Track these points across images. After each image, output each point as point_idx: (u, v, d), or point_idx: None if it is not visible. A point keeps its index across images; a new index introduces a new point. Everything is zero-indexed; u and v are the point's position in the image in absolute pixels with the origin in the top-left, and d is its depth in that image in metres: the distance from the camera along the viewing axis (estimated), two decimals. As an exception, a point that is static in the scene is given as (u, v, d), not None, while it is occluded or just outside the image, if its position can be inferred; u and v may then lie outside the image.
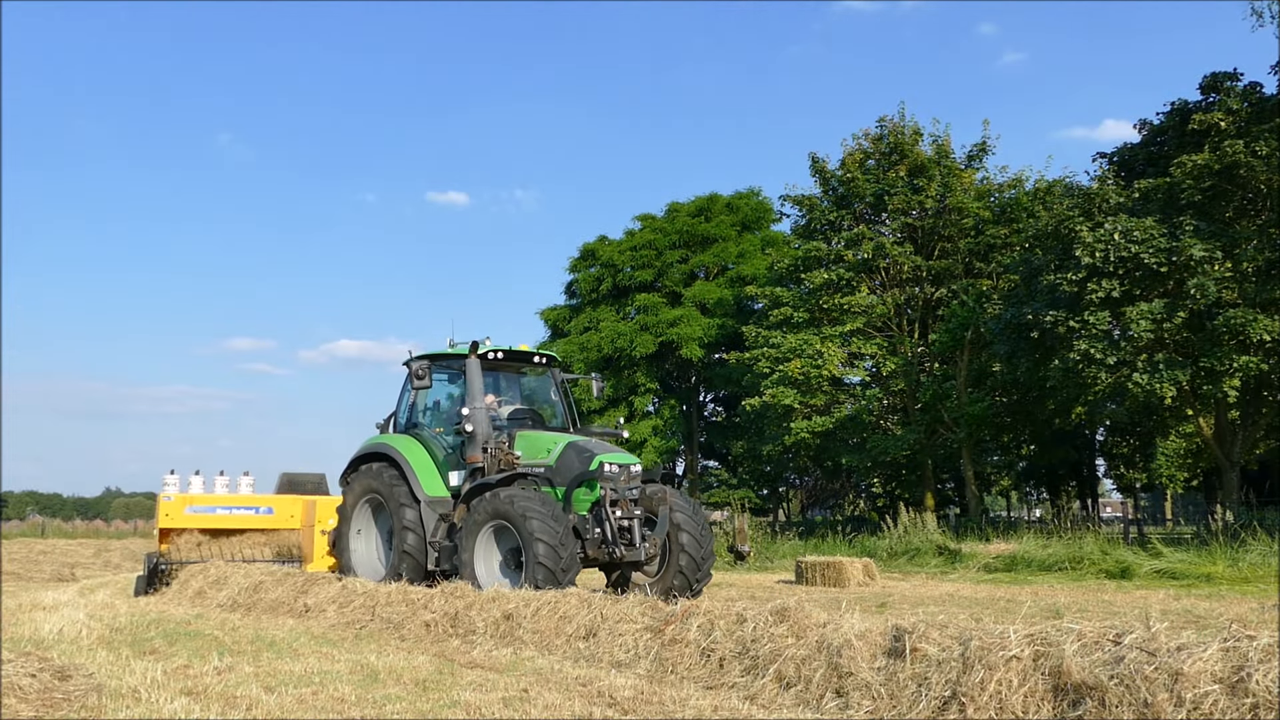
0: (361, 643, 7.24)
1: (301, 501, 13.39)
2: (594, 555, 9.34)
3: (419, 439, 10.95)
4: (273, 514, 13.53)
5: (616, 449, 10.12)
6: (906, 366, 25.97)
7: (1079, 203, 20.31)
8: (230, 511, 13.26)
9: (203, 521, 13.03)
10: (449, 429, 10.95)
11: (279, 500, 13.66)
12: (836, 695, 4.82)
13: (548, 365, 11.67)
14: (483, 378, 10.67)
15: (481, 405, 10.38)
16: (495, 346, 10.89)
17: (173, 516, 12.85)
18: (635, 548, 9.27)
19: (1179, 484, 36.49)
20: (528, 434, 10.42)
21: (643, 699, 4.98)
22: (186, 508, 12.89)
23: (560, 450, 9.87)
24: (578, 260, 37.72)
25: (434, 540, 10.05)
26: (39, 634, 7.62)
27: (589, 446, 9.88)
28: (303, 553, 12.93)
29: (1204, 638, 4.08)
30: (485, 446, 10.10)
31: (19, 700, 5.03)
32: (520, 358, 11.34)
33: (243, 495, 13.62)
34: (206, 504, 13.11)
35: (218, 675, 5.73)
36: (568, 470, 9.69)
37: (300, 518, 13.32)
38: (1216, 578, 12.50)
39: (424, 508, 10.20)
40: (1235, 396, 18.63)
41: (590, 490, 9.50)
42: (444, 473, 10.56)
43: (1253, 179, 18.49)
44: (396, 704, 4.92)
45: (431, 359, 10.92)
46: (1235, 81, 20.36)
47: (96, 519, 62.19)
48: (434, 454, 10.70)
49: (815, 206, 28.04)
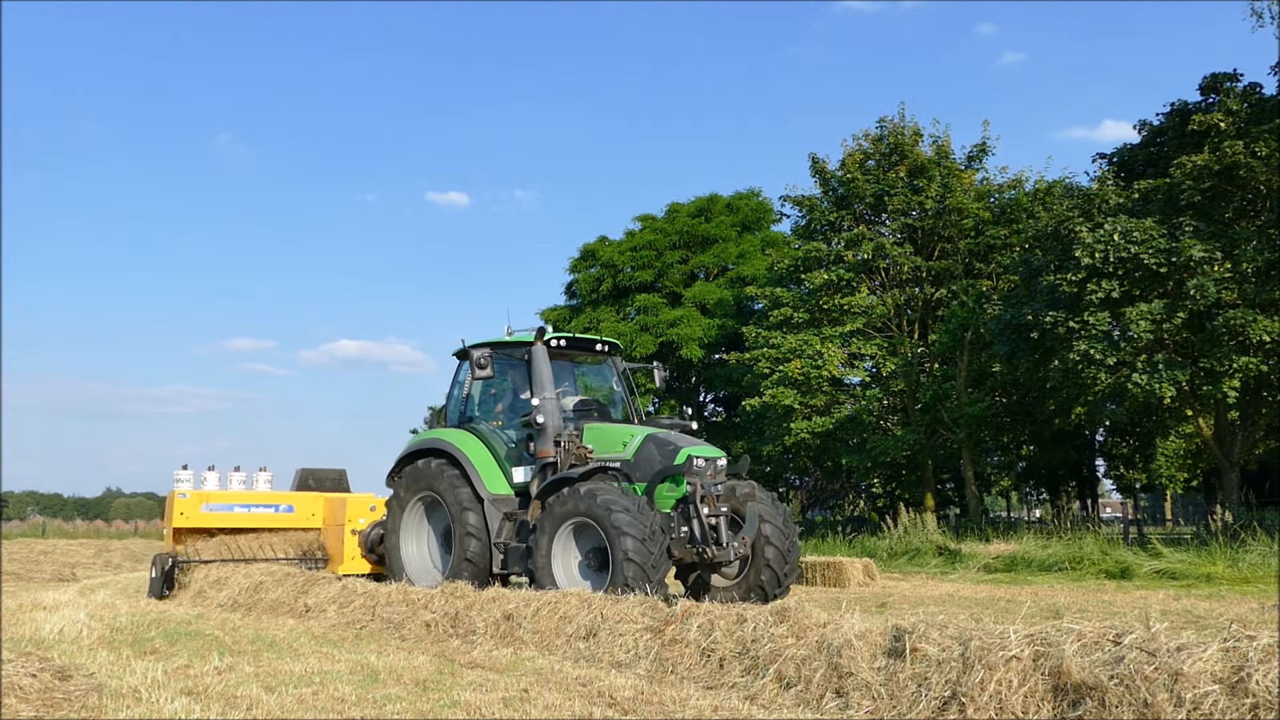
0: (362, 643, 7.25)
1: (323, 499, 12.72)
2: (680, 555, 8.71)
3: (476, 433, 10.33)
4: (293, 512, 12.67)
5: (700, 441, 9.53)
6: (906, 367, 25.98)
7: (1079, 203, 20.32)
8: (249, 510, 12.41)
9: (220, 520, 12.22)
10: (509, 422, 10.37)
11: (299, 498, 12.84)
12: (836, 695, 4.82)
13: (609, 353, 11.00)
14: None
15: (552, 396, 9.75)
16: (557, 334, 10.31)
17: (188, 515, 12.00)
18: (724, 547, 8.68)
19: (1179, 484, 36.51)
20: (597, 426, 9.76)
21: (643, 699, 4.98)
22: (203, 505, 12.07)
23: (639, 443, 9.24)
24: (578, 261, 37.73)
25: (499, 541, 9.52)
26: (39, 634, 7.62)
27: (671, 439, 9.25)
28: (327, 553, 12.24)
29: (1204, 638, 4.09)
30: (558, 440, 9.48)
31: (19, 700, 5.03)
32: (581, 345, 10.75)
33: (261, 492, 12.83)
34: (224, 501, 12.29)
35: (218, 675, 5.73)
36: (648, 464, 9.07)
37: (322, 516, 12.65)
38: (1216, 578, 12.50)
39: (487, 507, 9.65)
40: (1235, 397, 18.62)
41: (675, 486, 8.92)
42: (506, 469, 9.99)
43: (1252, 179, 18.49)
44: (397, 704, 4.92)
45: (493, 347, 10.21)
46: (1235, 82, 20.36)
47: (97, 519, 62.23)
48: (494, 449, 10.12)
49: (815, 207, 28.05)
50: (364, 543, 11.67)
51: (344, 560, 11.74)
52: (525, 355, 10.10)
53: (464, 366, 10.87)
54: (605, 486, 8.54)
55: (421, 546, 10.62)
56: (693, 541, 8.68)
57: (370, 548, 11.64)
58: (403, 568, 10.37)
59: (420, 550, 10.61)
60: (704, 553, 8.62)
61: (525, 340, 10.11)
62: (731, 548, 8.70)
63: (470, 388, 10.76)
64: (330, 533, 12.30)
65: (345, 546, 11.74)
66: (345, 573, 11.31)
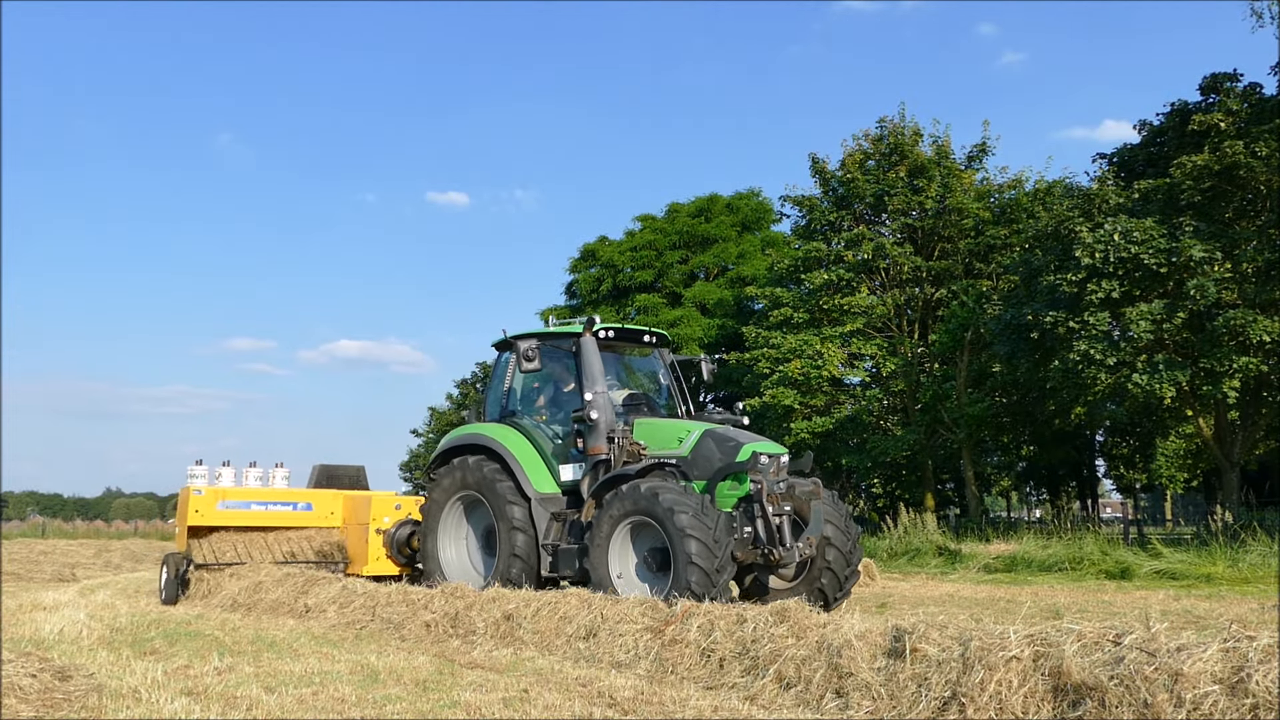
0: (362, 643, 7.25)
1: (342, 496, 12.22)
2: (743, 557, 8.21)
3: (520, 429, 9.85)
4: (311, 510, 12.07)
5: (761, 437, 9.03)
6: (906, 367, 25.98)
7: (1079, 203, 20.32)
8: (266, 507, 11.81)
9: (236, 518, 11.61)
10: (553, 417, 9.92)
11: (318, 495, 12.24)
12: (836, 695, 4.82)
13: (657, 344, 10.53)
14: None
15: (603, 390, 9.23)
16: (605, 324, 9.83)
17: (204, 513, 11.31)
18: (789, 548, 8.23)
19: (1179, 484, 36.50)
20: (648, 421, 9.28)
21: (643, 699, 4.98)
22: (219, 503, 11.42)
23: (696, 439, 8.76)
24: (578, 261, 37.76)
25: (546, 543, 9.04)
26: (39, 634, 7.62)
27: (731, 434, 8.78)
28: (347, 553, 11.72)
29: (1204, 638, 4.09)
30: (610, 436, 8.97)
31: (19, 700, 5.03)
32: (629, 336, 10.23)
33: (279, 489, 12.22)
34: (241, 499, 11.67)
35: (218, 675, 5.73)
36: (707, 461, 8.61)
37: (342, 515, 12.13)
38: (1216, 578, 12.50)
39: (534, 506, 9.18)
40: (1235, 397, 18.62)
41: (737, 484, 8.45)
42: (553, 466, 9.52)
43: (1253, 180, 18.49)
44: (396, 704, 4.92)
45: (540, 338, 9.74)
46: (1235, 82, 20.36)
47: (97, 519, 62.25)
48: (539, 445, 9.65)
49: (815, 207, 28.06)
50: (390, 542, 11.31)
51: (368, 561, 11.31)
52: (572, 347, 9.59)
53: (504, 359, 10.44)
54: (667, 485, 8.12)
55: (460, 548, 10.16)
56: (757, 543, 8.22)
57: (397, 548, 11.27)
58: (441, 570, 9.90)
59: (459, 552, 10.14)
60: (770, 554, 8.17)
61: (573, 331, 9.66)
62: (796, 549, 8.28)
63: (512, 381, 10.26)
64: (352, 532, 11.82)
65: (369, 546, 11.33)
66: (370, 574, 10.96)
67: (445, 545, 10.06)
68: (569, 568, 8.75)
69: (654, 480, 8.28)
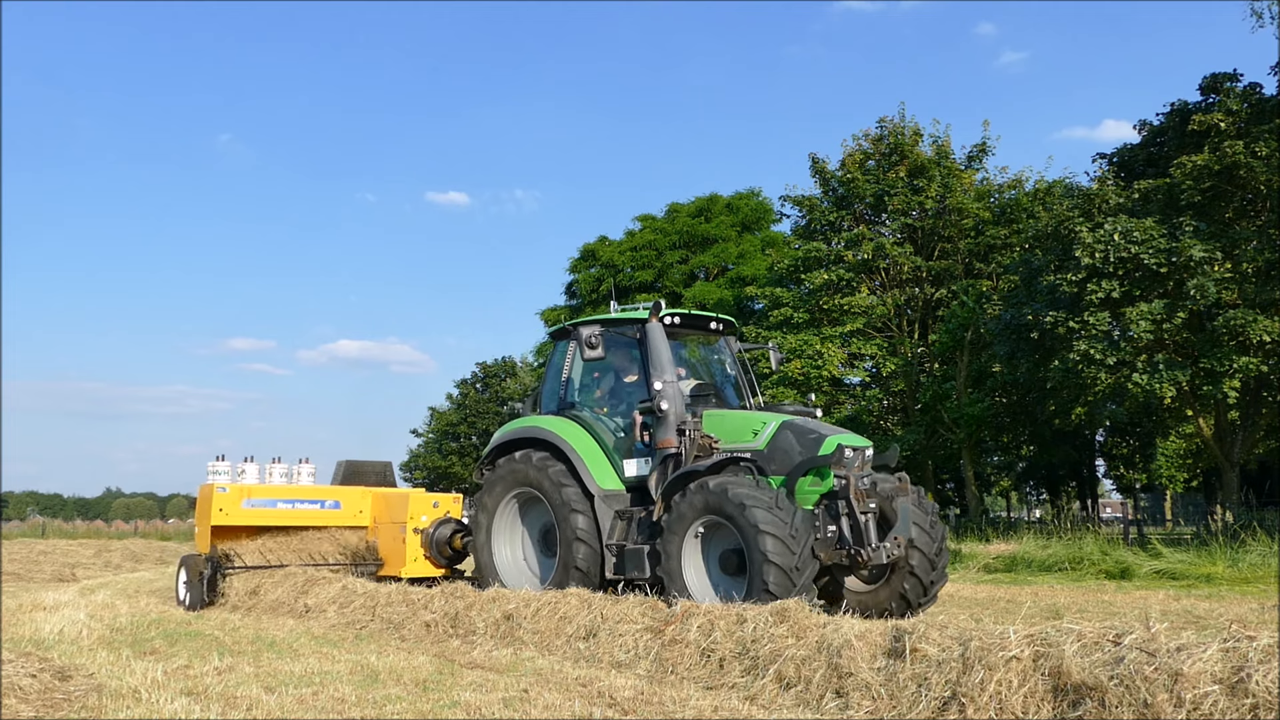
0: (362, 643, 7.25)
1: (371, 494, 11.63)
2: (826, 557, 7.65)
3: (580, 422, 9.27)
4: (340, 509, 11.43)
5: (843, 429, 8.50)
6: (906, 367, 25.99)
7: (1079, 203, 20.32)
8: (293, 506, 11.14)
9: (261, 517, 10.95)
10: (614, 409, 9.40)
11: (347, 493, 11.58)
12: (836, 695, 4.82)
13: (723, 331, 9.93)
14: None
15: (673, 379, 8.61)
16: (671, 310, 9.23)
17: (229, 511, 10.61)
18: (876, 549, 7.65)
19: (1179, 484, 36.53)
20: (719, 413, 8.72)
21: (643, 699, 4.98)
22: (243, 501, 10.75)
23: (773, 431, 8.18)
24: (578, 261, 37.77)
25: (610, 543, 8.50)
26: (39, 634, 7.62)
27: (811, 426, 8.19)
28: (379, 554, 11.16)
29: (1204, 638, 4.09)
30: (681, 428, 8.36)
31: (19, 700, 5.03)
32: (695, 323, 9.65)
33: (305, 486, 11.58)
34: (267, 497, 11.01)
35: (218, 675, 5.73)
36: (785, 455, 8.02)
37: (372, 513, 11.53)
38: (1216, 578, 12.49)
39: (598, 504, 8.63)
40: (1235, 397, 18.62)
41: (819, 479, 7.88)
42: (616, 462, 8.94)
43: (1252, 180, 18.49)
44: (397, 704, 4.92)
45: (603, 324, 9.15)
46: (1235, 82, 20.36)
47: (97, 519, 62.32)
48: (601, 439, 9.07)
49: (815, 207, 28.06)
50: (428, 543, 10.76)
51: (405, 562, 10.76)
52: (636, 334, 9.03)
53: (562, 347, 9.91)
54: (740, 480, 7.62)
55: (516, 548, 9.59)
56: (841, 542, 7.65)
57: (437, 548, 10.75)
58: (495, 572, 9.36)
59: (514, 553, 9.58)
60: (857, 555, 7.58)
61: (639, 317, 9.10)
62: (883, 549, 7.68)
63: (570, 370, 9.67)
64: (384, 531, 11.23)
65: (407, 547, 10.77)
66: (407, 576, 10.50)
67: (500, 546, 9.50)
68: (636, 569, 8.19)
69: (727, 476, 7.76)
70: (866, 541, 7.61)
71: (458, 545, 10.80)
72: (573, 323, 9.50)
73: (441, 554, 10.78)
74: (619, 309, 9.79)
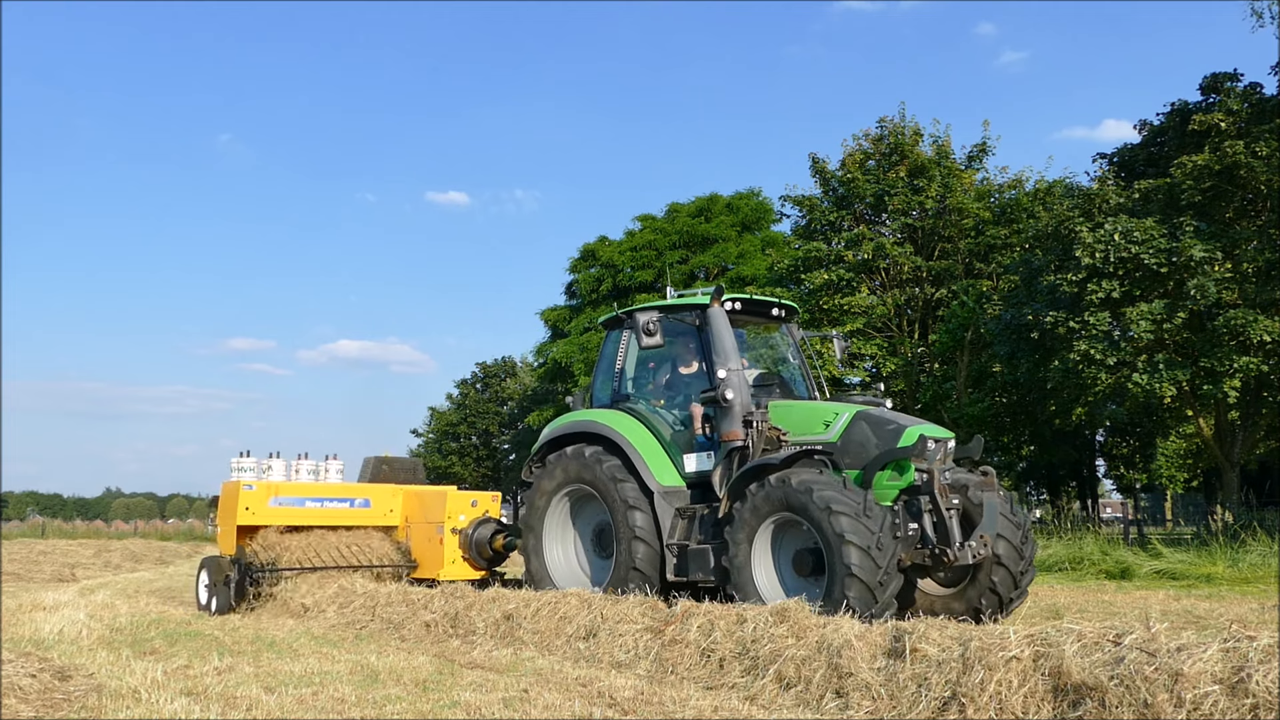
0: (362, 643, 7.25)
1: (402, 492, 11.12)
2: (907, 558, 7.14)
3: (635, 415, 8.81)
4: (370, 507, 10.92)
5: (922, 420, 7.93)
6: (906, 367, 25.98)
7: (1079, 203, 20.33)
8: (321, 504, 10.64)
9: (289, 516, 10.40)
10: (671, 401, 8.93)
11: (377, 490, 11.07)
12: (836, 695, 4.82)
13: (786, 318, 9.42)
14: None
15: (738, 367, 8.08)
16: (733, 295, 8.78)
17: (255, 510, 10.09)
18: (963, 548, 7.11)
19: (1179, 484, 36.55)
20: (786, 404, 8.23)
21: (643, 699, 4.98)
22: (271, 499, 10.23)
23: (846, 422, 7.63)
24: (578, 261, 37.75)
25: (671, 542, 8.02)
26: (39, 634, 7.62)
27: (888, 416, 7.68)
28: (413, 556, 10.69)
29: (1204, 638, 4.09)
30: (748, 420, 7.83)
31: (19, 700, 5.03)
32: (756, 309, 9.17)
33: (335, 484, 11.11)
34: (295, 495, 10.50)
35: (218, 675, 5.73)
36: (860, 448, 7.49)
37: (403, 512, 11.02)
38: (1216, 578, 12.49)
39: (657, 501, 8.15)
40: (1235, 397, 18.62)
41: (898, 473, 7.37)
42: (675, 456, 8.48)
43: (1253, 179, 18.49)
44: (396, 704, 4.92)
45: (661, 310, 8.57)
46: (1235, 82, 20.37)
47: (97, 519, 62.33)
48: (658, 433, 8.61)
49: (815, 207, 28.06)
50: (467, 544, 10.30)
51: (442, 564, 10.29)
52: (696, 320, 8.59)
53: (614, 337, 9.46)
54: (822, 477, 7.07)
55: (568, 549, 9.16)
56: (924, 542, 7.14)
57: (477, 550, 10.30)
58: (547, 574, 8.94)
59: (566, 553, 9.14)
60: (943, 555, 7.06)
61: (699, 303, 8.58)
62: (969, 549, 7.13)
63: (624, 361, 9.19)
64: (418, 531, 10.75)
65: (444, 548, 10.29)
66: (445, 579, 9.97)
67: (551, 546, 9.05)
68: (700, 570, 7.74)
69: (805, 471, 7.21)
70: (951, 540, 7.09)
71: (498, 546, 10.40)
72: (628, 310, 9.08)
73: (481, 555, 10.35)
74: (675, 295, 9.31)
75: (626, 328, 9.17)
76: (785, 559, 7.37)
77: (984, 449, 8.07)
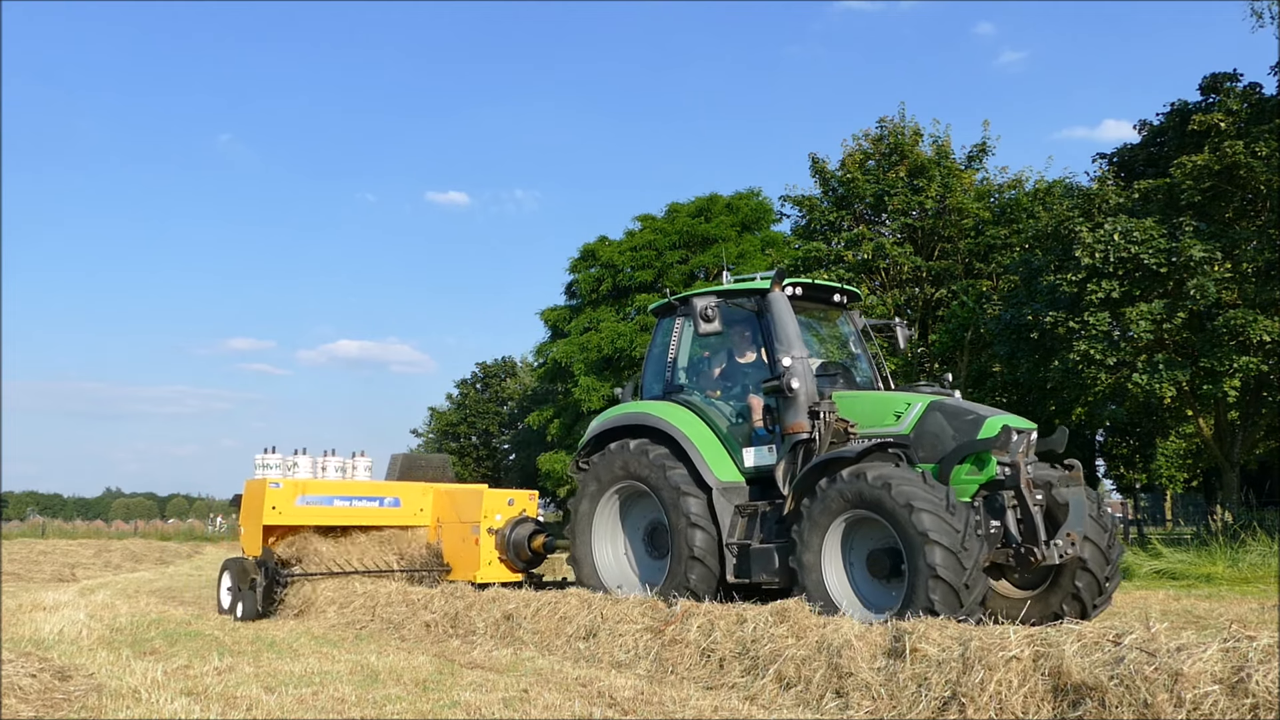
0: (362, 643, 7.25)
1: (432, 491, 10.72)
2: (988, 559, 6.76)
3: (690, 406, 8.35)
4: (399, 506, 10.51)
5: (1001, 410, 7.45)
6: (906, 367, 25.98)
7: (1079, 203, 20.33)
8: (350, 503, 10.21)
9: (316, 516, 9.99)
10: (728, 392, 8.48)
11: (407, 489, 10.64)
12: (836, 695, 4.83)
13: (848, 305, 9.05)
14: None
15: (803, 355, 7.66)
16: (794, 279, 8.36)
17: (282, 509, 9.66)
18: (1050, 547, 6.65)
19: (1179, 484, 36.48)
20: (852, 394, 7.83)
21: (643, 699, 4.98)
22: (298, 498, 9.81)
23: (920, 413, 7.20)
24: (578, 261, 37.72)
25: (731, 541, 7.58)
26: (39, 634, 7.62)
27: (966, 406, 7.23)
28: (444, 558, 10.34)
29: (1204, 638, 4.09)
30: (814, 410, 7.37)
31: (19, 700, 5.03)
32: (818, 295, 8.74)
33: (363, 482, 10.76)
34: (323, 493, 10.10)
35: (218, 675, 5.73)
36: (936, 440, 7.05)
37: (434, 512, 10.61)
38: (1216, 578, 12.49)
39: (715, 498, 7.71)
40: (1235, 397, 18.62)
41: (978, 468, 6.93)
42: (734, 449, 8.03)
43: (1252, 180, 18.48)
44: (396, 704, 4.92)
45: (719, 295, 8.16)
46: (1235, 82, 20.35)
47: (97, 519, 62.31)
48: (715, 426, 8.16)
49: (815, 207, 28.07)
50: (504, 544, 9.93)
51: (479, 565, 9.91)
52: (755, 306, 8.13)
53: (665, 325, 9.04)
54: (900, 471, 6.58)
55: (618, 549, 8.74)
56: (1007, 541, 6.74)
57: (515, 550, 9.94)
58: (597, 575, 8.53)
59: (616, 554, 8.72)
60: (1029, 554, 6.64)
61: (759, 288, 8.14)
62: (1055, 548, 6.66)
63: (677, 350, 8.74)
64: (452, 531, 10.37)
65: (480, 549, 9.91)
66: (481, 581, 9.63)
67: (600, 546, 8.63)
68: (765, 571, 7.28)
69: (880, 465, 6.72)
70: (1038, 539, 6.66)
71: (537, 547, 10.04)
72: (682, 295, 8.70)
73: (520, 556, 9.98)
74: (732, 279, 8.92)
75: (680, 315, 8.75)
76: (857, 560, 6.91)
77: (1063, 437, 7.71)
